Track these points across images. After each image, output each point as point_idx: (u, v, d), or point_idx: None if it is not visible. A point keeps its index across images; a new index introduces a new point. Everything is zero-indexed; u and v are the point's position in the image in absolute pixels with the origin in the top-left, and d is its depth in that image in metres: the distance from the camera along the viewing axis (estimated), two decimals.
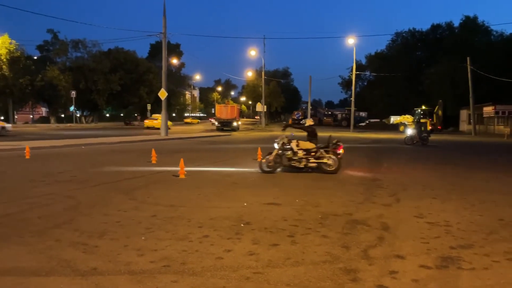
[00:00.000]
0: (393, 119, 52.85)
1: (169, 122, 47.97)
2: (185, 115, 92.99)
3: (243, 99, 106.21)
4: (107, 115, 73.41)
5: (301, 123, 11.72)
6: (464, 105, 48.75)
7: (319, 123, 69.45)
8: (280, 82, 78.91)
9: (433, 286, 3.61)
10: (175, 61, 75.57)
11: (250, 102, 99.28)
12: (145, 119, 47.52)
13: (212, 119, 56.99)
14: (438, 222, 5.79)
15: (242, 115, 75.31)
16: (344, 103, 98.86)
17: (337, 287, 3.55)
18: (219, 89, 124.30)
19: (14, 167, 10.99)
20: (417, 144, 22.44)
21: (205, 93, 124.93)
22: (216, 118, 42.62)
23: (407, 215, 6.23)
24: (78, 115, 57.94)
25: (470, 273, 3.90)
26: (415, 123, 29.51)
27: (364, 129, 53.15)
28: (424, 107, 44.89)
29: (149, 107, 59.80)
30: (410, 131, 23.81)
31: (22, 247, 4.46)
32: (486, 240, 4.99)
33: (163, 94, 27.58)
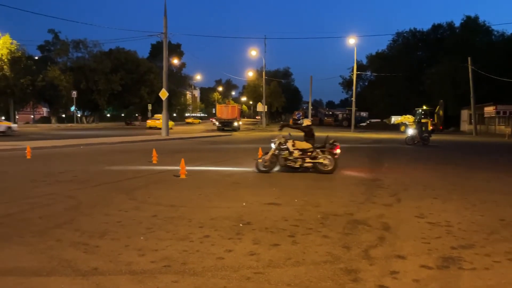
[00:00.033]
0: (394, 119, 52.83)
1: (172, 122, 48.24)
2: (186, 115, 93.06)
3: (244, 99, 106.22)
4: (108, 115, 73.44)
5: (298, 122, 11.74)
6: (465, 105, 48.71)
7: (320, 123, 69.53)
8: (281, 82, 78.88)
9: (434, 286, 3.61)
10: (176, 61, 75.59)
11: (251, 102, 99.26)
12: (148, 119, 47.58)
13: (213, 119, 57.08)
14: (439, 222, 5.79)
15: (243, 115, 75.37)
16: (345, 103, 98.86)
17: (338, 287, 3.55)
18: (220, 89, 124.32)
19: (15, 167, 11.00)
20: (418, 144, 22.42)
21: (206, 93, 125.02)
22: (217, 118, 42.61)
23: (408, 215, 6.22)
24: (79, 115, 57.98)
25: (471, 273, 3.89)
26: (416, 123, 29.54)
27: (365, 129, 53.14)
28: (425, 107, 44.85)
29: (150, 107, 59.85)
30: (411, 131, 23.79)
31: (23, 247, 4.47)
32: (487, 240, 4.99)
33: (164, 94, 27.60)
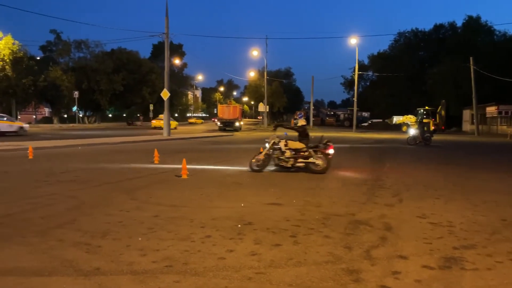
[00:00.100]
0: (396, 119, 52.76)
1: (175, 122, 48.48)
2: (188, 115, 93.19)
3: (245, 99, 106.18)
4: (110, 115, 73.53)
5: (294, 122, 11.77)
6: (467, 105, 48.61)
7: (321, 123, 69.56)
8: (282, 82, 78.81)
9: (436, 286, 3.60)
10: (177, 61, 75.70)
11: (252, 102, 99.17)
12: (152, 120, 47.77)
13: (215, 119, 57.17)
14: (441, 222, 5.78)
15: (244, 115, 75.43)
16: (346, 103, 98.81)
17: (340, 287, 3.54)
18: (222, 89, 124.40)
19: (17, 167, 11.02)
20: (420, 144, 22.38)
21: (208, 93, 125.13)
22: (218, 118, 42.63)
23: (410, 215, 6.21)
24: (80, 115, 58.08)
25: (473, 274, 3.88)
26: (418, 123, 29.47)
27: (366, 129, 53.07)
28: (427, 107, 44.75)
29: (152, 107, 59.93)
30: (413, 131, 23.76)
31: (24, 247, 4.47)
32: (489, 240, 4.98)
33: (165, 94, 27.62)
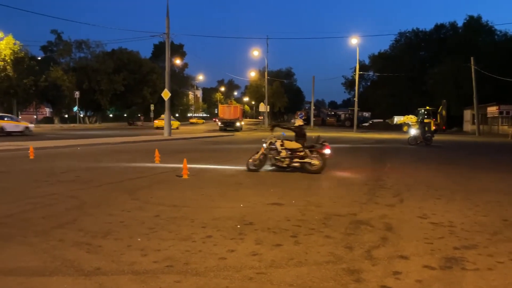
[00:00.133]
0: (397, 119, 52.74)
1: (178, 122, 48.62)
2: (189, 115, 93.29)
3: (246, 99, 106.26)
4: (111, 116, 73.59)
5: (291, 122, 11.87)
6: (468, 105, 48.57)
7: (322, 123, 69.54)
8: (283, 82, 78.86)
9: (437, 286, 3.59)
10: (178, 61, 75.75)
11: (253, 102, 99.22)
12: (155, 120, 47.93)
13: (216, 119, 57.35)
14: (442, 222, 5.77)
15: (245, 115, 75.43)
16: (347, 103, 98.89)
17: (340, 287, 3.54)
18: (222, 89, 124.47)
19: (18, 168, 11.03)
20: (420, 144, 22.37)
21: (208, 93, 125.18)
22: (219, 118, 42.64)
23: (411, 215, 6.21)
24: (81, 116, 58.14)
25: (474, 274, 3.88)
26: (418, 123, 29.45)
27: (367, 129, 53.04)
28: (427, 107, 44.74)
29: (153, 107, 59.97)
30: (413, 131, 23.75)
31: (25, 247, 4.48)
32: (490, 240, 4.97)
33: (166, 94, 27.64)
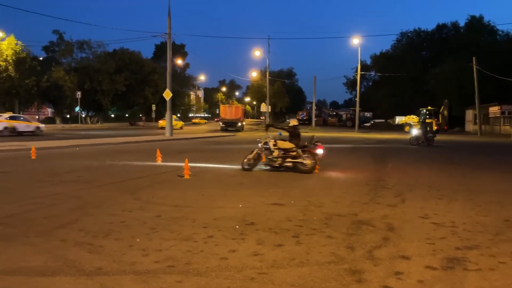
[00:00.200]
0: (398, 120, 52.67)
1: (181, 122, 48.72)
2: (191, 115, 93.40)
3: (247, 99, 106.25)
4: (112, 116, 73.71)
5: (285, 122, 11.98)
6: (470, 105, 48.51)
7: (323, 124, 69.48)
8: (284, 82, 78.81)
9: (439, 287, 3.58)
10: (180, 61, 75.88)
11: (254, 102, 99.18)
12: (160, 120, 48.15)
13: (218, 119, 57.47)
14: (443, 222, 5.76)
15: (246, 115, 75.44)
16: (349, 103, 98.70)
17: (342, 287, 3.54)
18: (224, 89, 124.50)
19: (20, 167, 11.05)
20: (422, 144, 22.34)
21: (210, 93, 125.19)
22: (220, 118, 42.66)
23: (413, 215, 6.20)
24: (83, 116, 58.22)
25: (476, 274, 3.87)
26: (420, 123, 29.42)
27: (369, 129, 52.99)
28: (429, 107, 44.71)
29: (154, 107, 60.05)
30: (415, 132, 23.72)
31: (27, 247, 4.49)
32: (492, 241, 4.96)
33: (168, 94, 27.68)
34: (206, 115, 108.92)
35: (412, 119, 46.13)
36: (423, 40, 66.85)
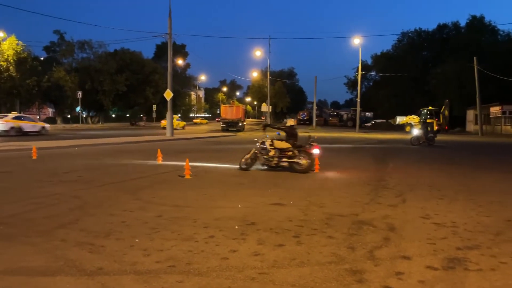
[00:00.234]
0: (399, 120, 52.61)
1: (183, 122, 48.79)
2: (191, 115, 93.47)
3: (248, 99, 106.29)
4: (113, 116, 73.76)
5: (282, 122, 12.01)
6: (470, 105, 48.47)
7: (324, 124, 69.47)
8: (285, 82, 78.83)
9: (439, 287, 3.58)
10: (180, 61, 75.93)
11: (255, 102, 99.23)
12: (162, 120, 48.23)
13: (219, 119, 57.50)
14: (444, 223, 5.75)
15: (247, 115, 75.40)
16: (349, 104, 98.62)
17: None
18: (225, 89, 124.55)
19: (21, 167, 11.06)
20: (423, 144, 22.33)
21: (210, 93, 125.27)
22: (221, 118, 42.67)
23: (413, 215, 6.19)
24: (84, 116, 58.28)
25: (477, 274, 3.86)
26: (421, 124, 29.41)
27: (370, 129, 52.94)
28: (430, 107, 44.70)
29: (155, 107, 60.09)
30: (416, 132, 23.70)
31: (28, 247, 4.49)
32: (493, 241, 4.95)
33: (168, 94, 27.69)
34: (207, 115, 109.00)
35: (413, 119, 46.10)
36: (424, 40, 66.82)
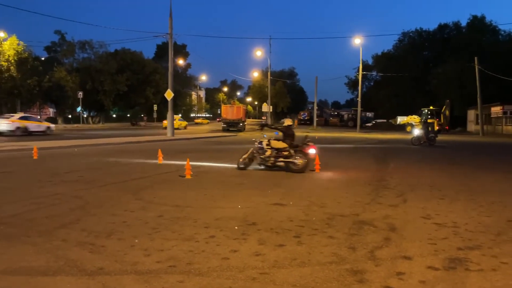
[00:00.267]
0: (400, 120, 52.57)
1: (185, 122, 48.75)
2: (192, 115, 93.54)
3: (249, 99, 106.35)
4: (114, 116, 73.80)
5: (279, 122, 12.08)
6: (471, 105, 48.41)
7: (325, 124, 69.44)
8: (286, 82, 78.88)
9: (440, 287, 3.58)
10: (181, 61, 75.92)
11: (256, 102, 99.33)
12: (164, 120, 48.24)
13: (220, 119, 57.51)
14: (445, 223, 5.75)
15: (248, 115, 75.44)
16: (350, 104, 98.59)
17: None
18: (225, 89, 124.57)
19: (22, 168, 11.07)
20: (424, 144, 22.31)
21: (211, 93, 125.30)
22: (222, 118, 42.68)
23: (414, 216, 6.18)
24: (85, 116, 58.31)
25: (478, 275, 3.86)
26: (422, 124, 29.38)
27: (370, 129, 52.90)
28: (431, 107, 44.65)
29: (156, 107, 60.11)
30: (417, 132, 23.68)
31: (29, 246, 4.49)
32: (494, 241, 4.94)
33: (169, 94, 27.70)
34: (207, 115, 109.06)
35: (413, 119, 46.07)
36: (425, 40, 66.75)
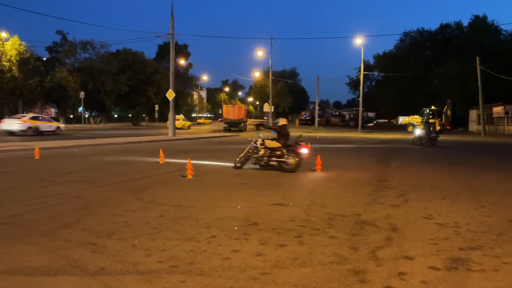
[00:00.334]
0: (402, 120, 52.51)
1: (189, 122, 48.74)
2: (194, 115, 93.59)
3: (250, 99, 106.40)
4: (115, 116, 73.87)
5: (274, 122, 12.17)
6: (473, 105, 48.31)
7: (326, 124, 69.41)
8: (287, 82, 78.89)
9: (442, 287, 3.57)
10: (182, 61, 75.97)
11: (257, 102, 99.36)
12: (167, 120, 48.22)
13: (221, 119, 57.52)
14: (447, 223, 5.74)
15: (249, 115, 75.48)
16: (352, 104, 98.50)
17: None
18: (227, 89, 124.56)
19: (23, 167, 11.09)
20: (425, 144, 22.29)
21: (213, 93, 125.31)
22: (223, 118, 42.69)
23: (416, 216, 6.18)
24: (86, 116, 58.39)
25: (479, 275, 3.85)
26: (423, 124, 29.33)
27: (372, 129, 52.90)
28: (433, 107, 44.60)
29: (157, 107, 60.15)
30: (418, 132, 23.65)
31: (31, 246, 4.50)
32: (496, 241, 4.94)
33: (170, 94, 27.71)
34: (209, 115, 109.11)
35: (415, 119, 45.97)
36: (426, 40, 66.62)
